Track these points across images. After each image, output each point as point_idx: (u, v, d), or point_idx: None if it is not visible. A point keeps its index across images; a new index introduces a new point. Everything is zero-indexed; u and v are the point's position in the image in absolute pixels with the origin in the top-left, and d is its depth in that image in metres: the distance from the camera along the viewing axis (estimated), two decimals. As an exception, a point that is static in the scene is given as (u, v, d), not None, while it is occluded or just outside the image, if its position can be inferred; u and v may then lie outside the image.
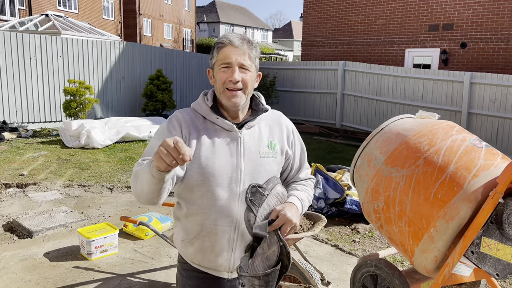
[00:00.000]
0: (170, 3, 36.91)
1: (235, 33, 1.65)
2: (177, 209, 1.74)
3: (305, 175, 1.85)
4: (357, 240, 4.61)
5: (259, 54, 1.67)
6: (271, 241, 1.53)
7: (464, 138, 1.99)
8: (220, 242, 1.63)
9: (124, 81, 11.78)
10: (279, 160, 1.71)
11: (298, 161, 1.82)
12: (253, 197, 1.58)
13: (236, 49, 1.59)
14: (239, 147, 1.63)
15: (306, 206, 1.73)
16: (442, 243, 1.87)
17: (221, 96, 1.63)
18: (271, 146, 1.69)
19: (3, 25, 15.62)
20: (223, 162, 1.60)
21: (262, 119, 1.72)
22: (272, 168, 1.68)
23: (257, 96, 1.76)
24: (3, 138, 8.63)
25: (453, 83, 10.12)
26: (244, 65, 1.59)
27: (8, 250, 4.03)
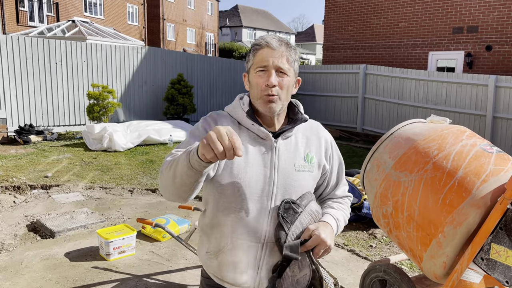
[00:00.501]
0: (193, 8, 37.37)
1: (273, 35, 1.53)
2: (202, 219, 1.63)
3: (342, 192, 1.72)
4: (374, 246, 4.57)
5: (298, 57, 1.55)
6: (303, 264, 1.43)
7: (474, 143, 1.97)
8: (246, 258, 1.51)
9: (146, 85, 11.99)
10: (315, 175, 1.59)
11: (335, 177, 1.69)
12: (286, 213, 1.45)
13: (274, 52, 1.47)
14: (274, 158, 1.51)
15: (341, 227, 1.60)
16: (450, 249, 1.85)
17: (256, 102, 1.51)
18: (308, 159, 1.57)
19: (32, 31, 16.12)
20: (255, 173, 1.48)
21: (299, 129, 1.59)
22: (307, 183, 1.55)
23: (296, 105, 1.63)
24: (30, 140, 8.90)
25: (478, 86, 9.92)
26: (282, 68, 1.47)
27: (31, 249, 4.16)
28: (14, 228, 4.68)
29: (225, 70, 14.17)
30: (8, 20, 20.09)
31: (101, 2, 26.24)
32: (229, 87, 14.35)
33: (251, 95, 1.54)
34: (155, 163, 7.76)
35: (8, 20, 20.09)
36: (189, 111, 11.83)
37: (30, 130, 9.14)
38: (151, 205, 5.63)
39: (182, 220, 4.78)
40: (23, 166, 7.09)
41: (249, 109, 1.55)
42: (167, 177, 1.38)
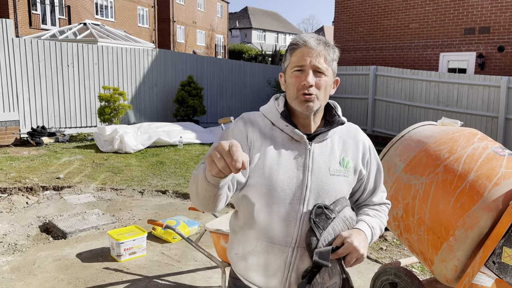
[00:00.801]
0: (203, 10, 37.52)
1: (311, 34, 1.49)
2: (234, 219, 1.60)
3: (380, 199, 1.64)
4: (385, 248, 4.55)
5: (337, 57, 1.50)
6: (333, 271, 1.39)
7: (486, 146, 1.96)
8: (275, 262, 1.47)
9: (156, 87, 12.06)
10: (350, 180, 1.52)
11: (373, 183, 1.61)
12: (318, 218, 1.42)
13: (311, 51, 1.43)
14: (308, 161, 1.46)
15: (376, 235, 1.53)
16: (461, 252, 1.84)
17: (293, 102, 1.47)
18: (343, 163, 1.51)
19: (44, 34, 16.30)
20: (288, 176, 1.45)
21: (336, 132, 1.53)
22: (342, 188, 1.49)
23: (333, 106, 1.58)
24: (42, 142, 9.01)
25: (490, 87, 9.82)
26: (319, 68, 1.43)
27: (44, 250, 4.21)
28: (27, 228, 4.74)
29: (234, 72, 14.20)
30: (21, 23, 20.35)
31: (112, 5, 26.47)
32: (239, 89, 14.38)
33: (287, 95, 1.51)
34: (165, 164, 7.80)
35: (21, 23, 20.35)
36: (199, 113, 11.87)
37: (43, 132, 9.24)
38: (161, 207, 5.67)
39: (192, 222, 4.81)
40: (35, 167, 7.18)
41: (284, 110, 1.51)
42: (192, 191, 1.40)
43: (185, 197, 6.10)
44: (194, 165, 7.85)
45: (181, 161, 8.10)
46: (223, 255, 3.17)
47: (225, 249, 3.11)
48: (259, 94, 15.05)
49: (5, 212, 5.22)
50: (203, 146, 9.70)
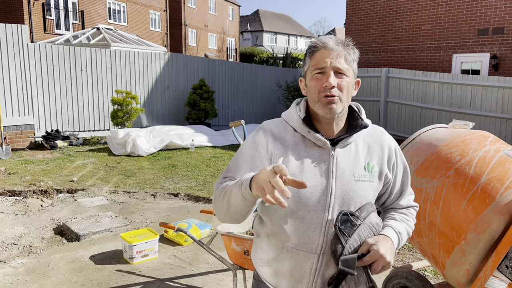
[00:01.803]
0: (215, 14, 37.71)
1: (329, 35, 1.48)
2: (258, 225, 1.59)
3: (407, 202, 1.59)
4: (397, 251, 4.52)
5: (357, 57, 1.47)
6: (359, 279, 1.37)
7: (498, 148, 1.94)
8: (301, 268, 1.46)
9: (168, 90, 12.15)
10: (376, 185, 1.49)
11: (399, 186, 1.57)
12: (343, 225, 1.39)
13: (331, 52, 1.41)
14: (331, 167, 1.43)
15: (404, 240, 1.49)
16: (473, 256, 1.82)
17: (315, 106, 1.44)
18: (368, 168, 1.47)
19: (58, 38, 16.54)
20: (311, 183, 1.42)
21: (360, 136, 1.50)
22: (368, 194, 1.46)
23: (357, 109, 1.55)
24: (56, 146, 9.13)
25: (504, 89, 9.70)
26: (340, 69, 1.40)
27: (58, 252, 4.27)
28: (42, 231, 4.81)
29: (246, 75, 14.24)
30: (35, 29, 20.67)
31: (124, 9, 26.75)
32: (250, 92, 14.41)
33: (309, 99, 1.48)
34: (177, 167, 7.85)
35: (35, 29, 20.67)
36: (210, 116, 11.93)
37: (57, 136, 9.37)
38: (173, 209, 5.70)
39: (204, 225, 4.83)
40: (49, 170, 7.28)
41: (306, 116, 1.49)
42: (221, 207, 1.39)
43: (196, 200, 6.13)
44: (206, 168, 7.89)
45: (193, 164, 8.14)
46: (234, 258, 3.17)
47: (236, 252, 3.12)
48: (270, 97, 15.08)
49: (20, 215, 5.31)
50: (215, 149, 9.74)
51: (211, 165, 8.12)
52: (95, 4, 24.21)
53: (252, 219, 3.56)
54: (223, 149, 9.83)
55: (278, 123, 1.53)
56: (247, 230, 3.50)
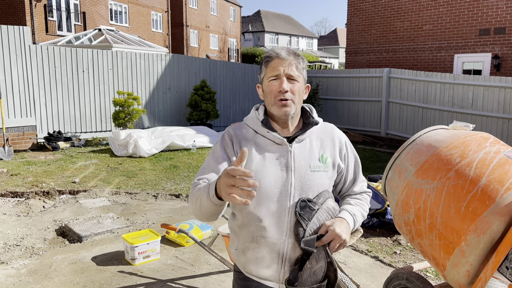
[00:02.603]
0: (216, 14, 37.75)
1: (282, 47, 1.69)
2: (231, 220, 1.76)
3: (360, 188, 1.79)
4: (398, 252, 4.52)
5: (306, 65, 1.69)
6: (319, 257, 1.54)
7: (498, 150, 1.95)
8: (270, 254, 1.63)
9: (170, 91, 12.17)
10: (330, 174, 1.68)
11: (352, 174, 1.78)
12: (302, 211, 1.57)
13: (283, 61, 1.61)
14: (290, 161, 1.62)
15: (359, 221, 1.69)
16: (474, 258, 1.83)
17: (272, 108, 1.65)
18: (322, 159, 1.67)
19: (60, 40, 16.58)
20: (273, 176, 1.60)
21: (313, 132, 1.70)
22: (323, 182, 1.65)
23: (309, 109, 1.76)
24: (58, 147, 9.16)
25: (506, 89, 9.69)
26: (292, 75, 1.61)
27: (60, 253, 4.28)
28: (44, 232, 4.82)
29: (247, 76, 14.25)
30: (37, 30, 20.73)
31: (126, 10, 26.80)
32: (252, 92, 14.42)
33: (266, 102, 1.68)
34: (179, 168, 7.86)
35: (37, 30, 20.73)
36: (212, 116, 11.94)
37: (59, 137, 9.40)
38: (175, 210, 5.71)
39: (205, 226, 4.84)
40: (52, 172, 7.30)
41: (264, 118, 1.68)
42: (194, 208, 1.55)
43: (198, 201, 6.14)
44: (207, 169, 7.90)
45: (195, 165, 8.15)
46: (235, 259, 3.18)
47: (237, 253, 3.13)
48: (272, 97, 15.09)
49: (22, 216, 5.33)
50: (216, 150, 9.74)
51: (213, 166, 8.13)
52: (96, 5, 24.27)
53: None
54: (225, 150, 9.84)
55: (241, 126, 1.73)
56: (249, 231, 3.52)
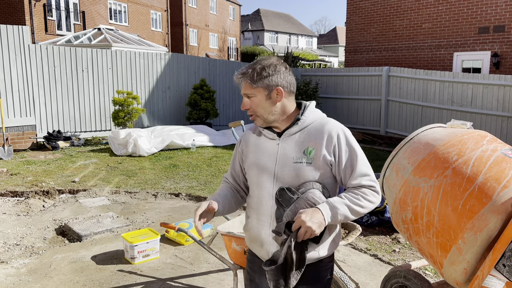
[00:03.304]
0: (216, 13, 37.72)
1: (242, 68, 1.87)
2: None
3: (358, 182, 1.78)
4: (398, 250, 4.53)
5: (267, 73, 1.81)
6: (286, 241, 1.68)
7: (495, 148, 1.95)
8: (260, 235, 1.86)
9: (169, 90, 12.17)
10: (316, 166, 1.77)
11: (344, 168, 1.79)
12: (281, 198, 1.74)
13: (239, 83, 1.87)
14: (277, 153, 1.83)
15: (342, 214, 1.70)
16: (471, 255, 1.83)
17: None
18: (307, 152, 1.78)
19: (60, 39, 16.58)
20: (263, 166, 1.85)
21: (303, 126, 1.84)
22: (306, 174, 1.77)
23: (303, 107, 1.90)
24: (58, 146, 9.16)
25: (505, 87, 9.69)
26: (247, 93, 1.83)
27: (60, 253, 4.29)
28: (44, 231, 4.83)
29: (247, 75, 14.24)
30: (37, 29, 20.72)
31: (125, 9, 26.78)
32: (251, 91, 14.42)
33: None
34: (178, 167, 7.87)
35: (37, 29, 20.72)
36: (211, 115, 11.94)
37: (58, 136, 9.40)
38: (174, 209, 5.72)
39: (205, 225, 4.84)
40: (51, 171, 7.31)
41: None
42: None
43: (198, 200, 6.15)
44: (207, 168, 7.91)
45: (194, 164, 8.16)
46: (235, 257, 3.19)
47: (236, 252, 3.14)
48: (272, 96, 15.08)
49: (22, 215, 5.34)
50: (216, 149, 9.76)
51: (212, 165, 8.14)
52: (96, 4, 24.25)
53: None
54: (224, 149, 9.85)
55: (252, 128, 2.00)
56: (248, 229, 3.52)
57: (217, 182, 6.90)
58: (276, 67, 1.83)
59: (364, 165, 1.80)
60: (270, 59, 1.86)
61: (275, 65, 1.83)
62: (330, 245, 1.85)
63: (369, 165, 1.82)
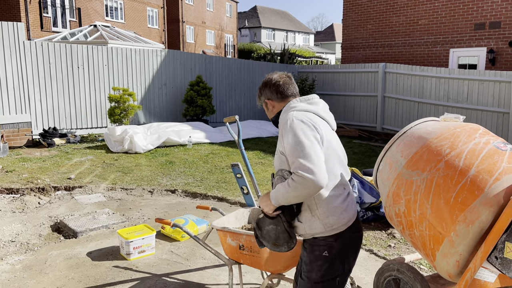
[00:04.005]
0: (212, 10, 37.62)
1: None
2: None
3: (293, 169, 1.98)
4: (393, 245, 4.54)
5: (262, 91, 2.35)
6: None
7: (487, 141, 1.96)
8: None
9: (165, 87, 12.14)
10: (279, 157, 2.14)
11: (287, 156, 2.06)
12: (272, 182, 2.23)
13: None
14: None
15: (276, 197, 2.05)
16: (463, 248, 1.84)
17: None
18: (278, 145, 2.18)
19: (55, 36, 16.51)
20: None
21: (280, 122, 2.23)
22: (278, 162, 2.16)
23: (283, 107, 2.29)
24: (54, 143, 9.13)
25: (500, 83, 9.72)
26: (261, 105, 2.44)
27: (55, 249, 4.29)
28: (39, 228, 4.82)
29: (243, 71, 14.23)
30: (32, 26, 20.62)
31: (121, 6, 26.68)
32: (248, 88, 14.41)
33: None
34: (174, 164, 7.86)
35: (32, 26, 20.62)
36: (208, 112, 11.93)
37: (54, 133, 9.37)
38: (170, 206, 5.72)
39: (201, 220, 4.85)
40: (47, 168, 7.29)
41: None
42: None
43: (194, 196, 6.15)
44: (203, 164, 7.91)
45: (191, 161, 8.16)
46: (230, 252, 3.19)
47: (232, 247, 3.14)
48: (268, 93, 15.04)
49: (17, 212, 5.32)
50: (212, 146, 9.75)
51: (209, 162, 8.13)
52: (92, 1, 24.15)
53: (248, 214, 3.58)
54: (221, 145, 9.84)
55: None
56: (243, 225, 3.52)
57: (213, 179, 6.91)
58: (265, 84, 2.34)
59: (295, 151, 1.98)
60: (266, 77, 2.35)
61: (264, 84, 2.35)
62: (316, 224, 2.06)
63: (302, 152, 1.96)
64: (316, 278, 2.06)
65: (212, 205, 5.64)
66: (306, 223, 2.07)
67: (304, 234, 2.11)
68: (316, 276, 2.06)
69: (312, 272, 2.07)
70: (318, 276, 2.06)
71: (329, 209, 2.04)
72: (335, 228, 2.04)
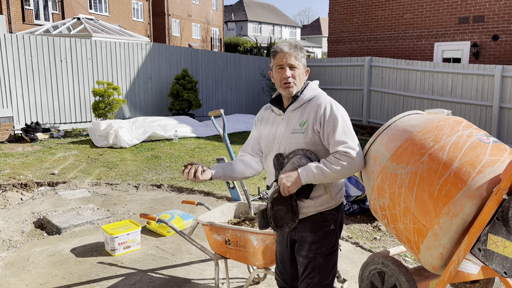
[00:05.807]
0: (198, 3, 37.31)
1: (285, 41, 2.23)
2: None
3: (336, 148, 2.05)
4: (378, 238, 4.57)
5: (305, 54, 2.22)
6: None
7: (470, 133, 1.97)
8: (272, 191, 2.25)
9: (151, 81, 12.03)
10: (308, 136, 2.11)
11: (327, 136, 2.08)
12: (277, 162, 2.15)
13: (285, 54, 2.14)
14: (281, 126, 2.22)
15: (316, 174, 2.03)
16: (447, 240, 1.85)
17: (280, 89, 2.21)
18: (302, 124, 2.13)
19: (38, 29, 16.20)
20: (271, 138, 2.25)
21: (302, 103, 2.19)
22: (299, 142, 2.12)
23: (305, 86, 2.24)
24: (37, 138, 8.98)
25: (484, 77, 9.83)
26: (292, 64, 2.14)
27: (38, 246, 4.22)
28: (21, 225, 4.74)
29: (230, 65, 14.16)
30: (14, 19, 20.21)
31: (106, -1, 26.29)
32: (235, 81, 14.35)
33: (276, 85, 2.22)
34: (160, 158, 7.80)
35: (14, 19, 20.21)
36: (194, 106, 11.85)
37: (37, 128, 9.22)
38: (156, 201, 5.67)
39: (187, 215, 4.82)
40: (30, 163, 7.17)
41: (274, 97, 2.32)
42: None
43: (180, 191, 6.11)
44: (189, 158, 7.86)
45: (176, 155, 8.10)
46: (216, 247, 3.18)
47: (217, 242, 3.13)
48: (254, 86, 15.03)
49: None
50: (199, 140, 9.70)
51: (195, 156, 8.09)
52: (75, -7, 23.74)
53: (234, 208, 3.57)
54: (207, 139, 9.79)
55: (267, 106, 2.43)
56: (229, 219, 3.50)
57: (200, 173, 6.86)
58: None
59: (343, 134, 2.06)
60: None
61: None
62: (326, 200, 2.16)
63: (350, 134, 2.08)
64: (327, 251, 2.19)
65: (198, 199, 5.62)
66: (317, 200, 2.15)
67: (308, 212, 2.16)
68: (327, 250, 2.19)
69: (322, 248, 2.18)
70: (328, 249, 2.19)
71: (337, 185, 2.21)
72: (338, 201, 2.22)
